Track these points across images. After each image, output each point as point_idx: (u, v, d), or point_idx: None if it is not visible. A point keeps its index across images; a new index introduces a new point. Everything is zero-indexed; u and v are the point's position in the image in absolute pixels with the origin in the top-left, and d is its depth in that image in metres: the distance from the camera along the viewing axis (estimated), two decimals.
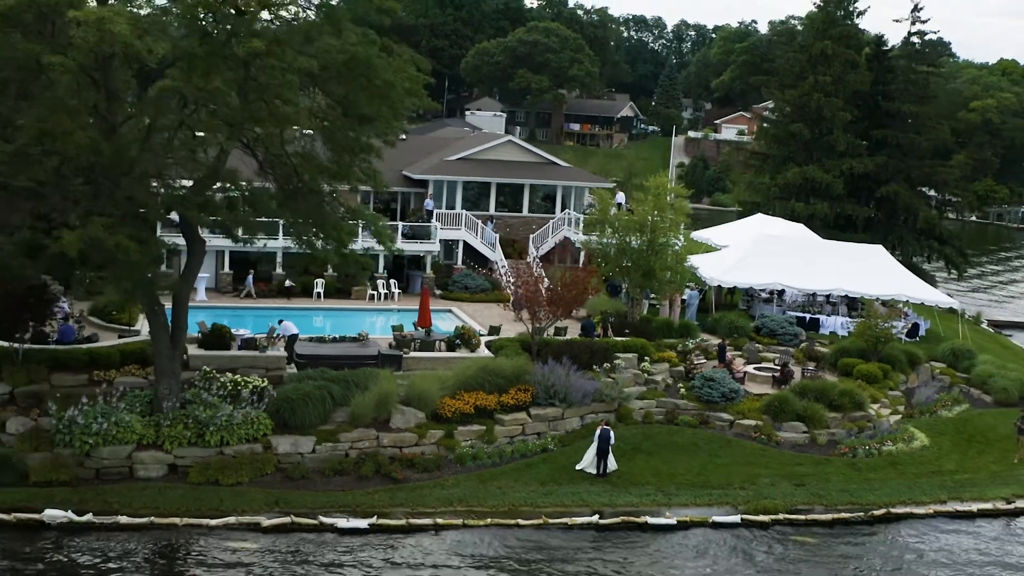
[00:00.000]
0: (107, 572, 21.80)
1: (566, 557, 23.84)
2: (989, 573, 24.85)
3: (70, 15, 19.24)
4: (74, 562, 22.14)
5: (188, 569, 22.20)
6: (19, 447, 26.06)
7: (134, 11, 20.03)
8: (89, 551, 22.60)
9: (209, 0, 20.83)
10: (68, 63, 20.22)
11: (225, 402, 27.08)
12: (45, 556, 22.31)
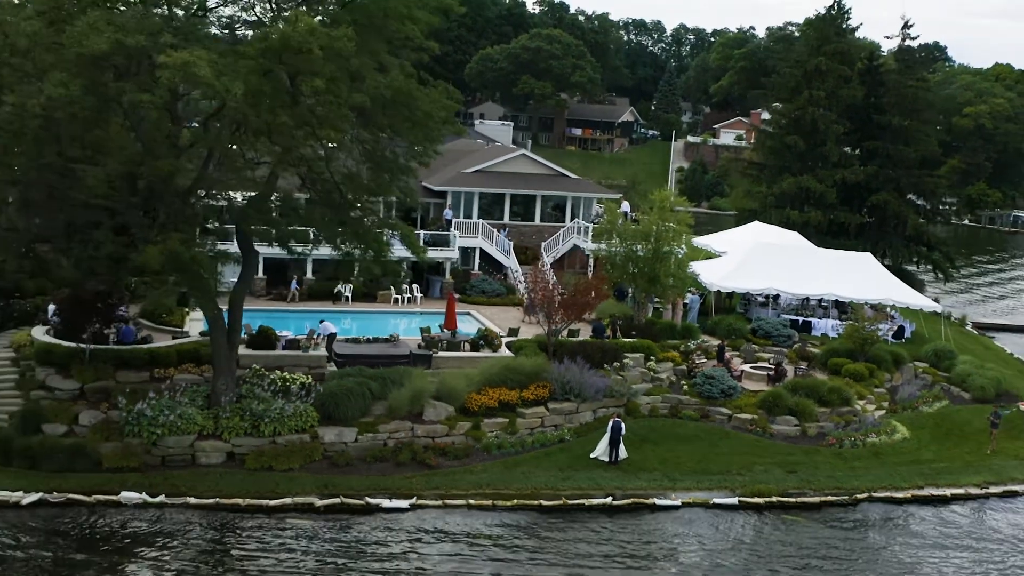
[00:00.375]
0: (185, 545, 24.93)
1: (585, 537, 26.97)
2: (962, 544, 28.04)
3: (160, 59, 22.38)
4: (157, 535, 25.27)
5: (256, 542, 25.30)
6: (91, 437, 29.19)
7: (212, 54, 23.06)
8: (168, 527, 25.73)
9: (274, 45, 23.97)
10: (156, 100, 23.38)
11: (276, 397, 30.25)
12: (128, 532, 25.42)
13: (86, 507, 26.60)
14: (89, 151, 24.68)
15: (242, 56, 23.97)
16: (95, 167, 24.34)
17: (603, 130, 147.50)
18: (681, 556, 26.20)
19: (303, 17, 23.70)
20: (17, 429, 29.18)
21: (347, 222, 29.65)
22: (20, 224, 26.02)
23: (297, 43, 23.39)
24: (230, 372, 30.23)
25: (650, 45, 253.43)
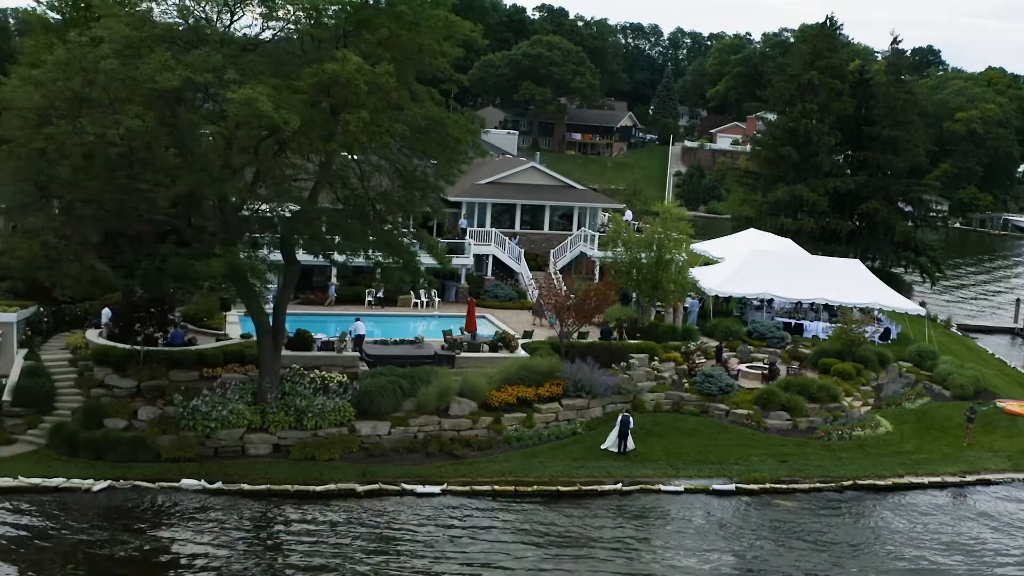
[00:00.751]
0: (241, 526, 28.04)
1: (594, 514, 30.13)
2: (938, 526, 31.23)
3: (228, 96, 25.48)
4: (216, 518, 28.36)
5: (305, 523, 28.41)
6: (150, 431, 32.29)
7: (269, 89, 26.13)
8: (225, 511, 28.84)
9: (324, 80, 27.07)
10: (222, 130, 26.49)
11: (316, 394, 33.37)
12: (190, 514, 28.52)
13: (150, 493, 29.71)
14: (159, 174, 27.77)
15: (295, 91, 27.08)
16: (164, 188, 27.45)
17: (602, 135, 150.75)
18: (682, 534, 29.36)
19: (350, 56, 26.83)
20: (81, 424, 32.27)
21: (379, 234, 32.79)
22: (92, 239, 29.06)
23: (346, 79, 26.52)
24: (275, 371, 33.35)
25: (647, 48, 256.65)
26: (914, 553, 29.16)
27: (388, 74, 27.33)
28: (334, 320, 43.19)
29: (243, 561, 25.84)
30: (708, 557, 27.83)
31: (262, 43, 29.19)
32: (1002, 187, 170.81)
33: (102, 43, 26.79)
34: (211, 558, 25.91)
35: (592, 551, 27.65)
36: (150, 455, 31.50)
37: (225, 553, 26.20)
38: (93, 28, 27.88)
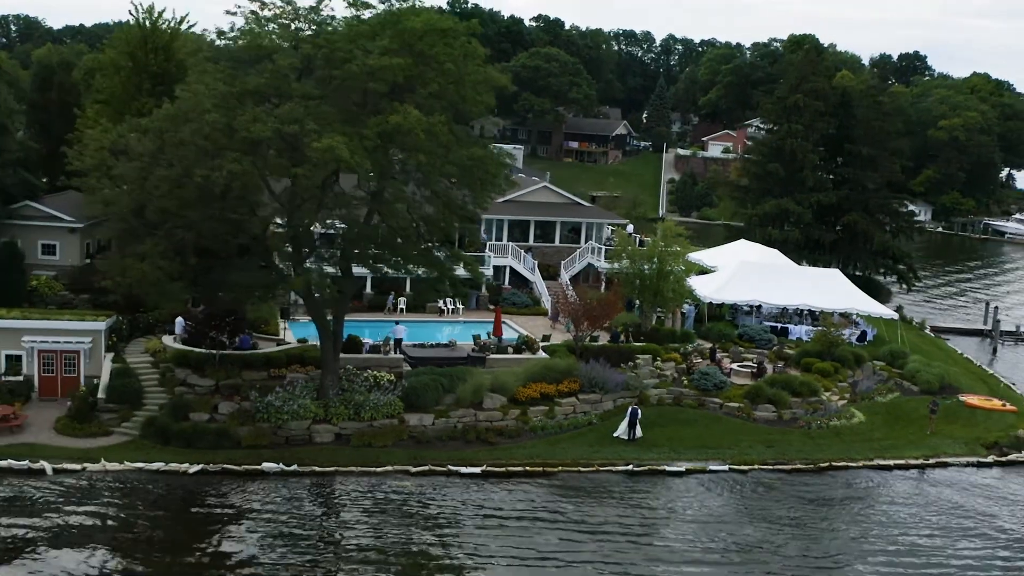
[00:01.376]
0: (320, 500, 33.85)
1: (609, 491, 36.03)
2: (900, 500, 37.23)
3: (314, 145, 31.27)
4: (298, 495, 34.15)
5: (370, 497, 34.21)
6: (230, 423, 38.04)
7: (344, 138, 31.85)
8: (302, 489, 34.63)
9: (389, 130, 32.87)
10: (307, 173, 32.34)
11: (370, 391, 39.16)
12: (274, 492, 34.29)
13: (237, 475, 35.46)
14: (248, 205, 33.56)
15: (364, 138, 32.90)
16: (255, 217, 33.24)
17: (598, 143, 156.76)
18: (682, 505, 35.29)
19: (411, 110, 32.67)
20: (170, 417, 37.98)
21: (423, 252, 38.64)
22: (190, 260, 34.80)
23: (407, 129, 32.34)
24: (334, 371, 39.14)
25: (640, 54, 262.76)
26: (876, 511, 35.19)
27: (441, 123, 33.19)
28: (368, 326, 48.85)
29: (348, 528, 31.66)
30: (705, 524, 33.79)
31: (330, 95, 34.87)
32: (985, 192, 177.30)
33: (203, 97, 32.55)
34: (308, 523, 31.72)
35: (603, 518, 33.59)
36: (231, 443, 37.22)
37: (320, 519, 32.03)
38: (192, 84, 33.65)
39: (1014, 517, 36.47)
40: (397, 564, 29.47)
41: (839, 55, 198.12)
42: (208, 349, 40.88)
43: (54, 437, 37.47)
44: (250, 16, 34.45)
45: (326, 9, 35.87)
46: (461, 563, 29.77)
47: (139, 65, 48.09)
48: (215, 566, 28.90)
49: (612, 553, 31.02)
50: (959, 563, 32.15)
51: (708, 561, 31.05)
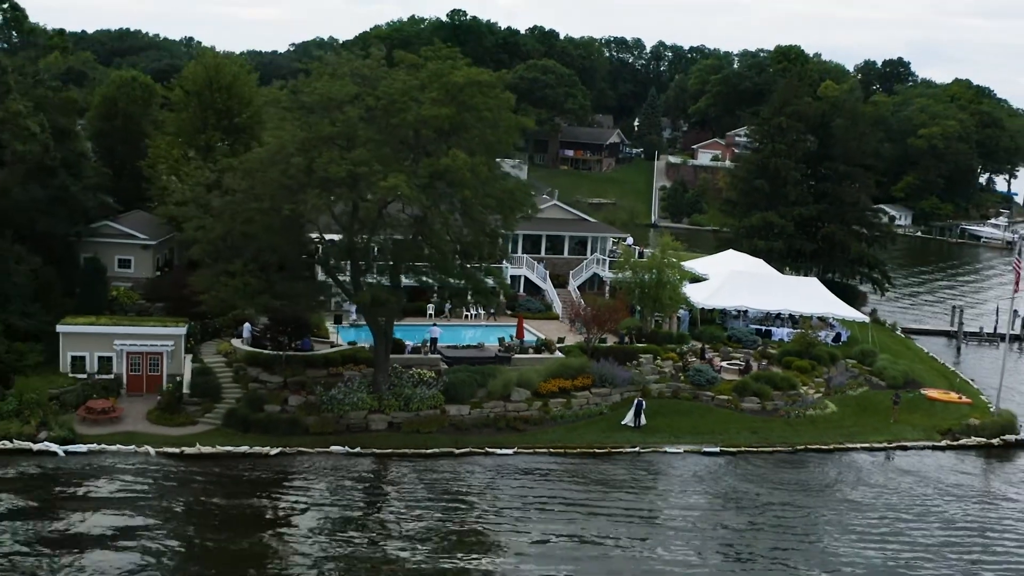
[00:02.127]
0: (382, 477, 41.14)
1: (618, 467, 43.44)
2: (864, 477, 44.76)
3: (381, 184, 38.51)
4: (363, 473, 41.43)
5: (421, 473, 41.50)
6: (299, 413, 45.25)
7: (404, 175, 39.04)
8: (368, 468, 41.93)
9: (440, 170, 40.15)
10: (373, 203, 39.60)
11: (416, 386, 46.44)
12: (343, 470, 41.57)
13: (308, 456, 42.69)
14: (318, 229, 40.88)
15: (419, 176, 40.20)
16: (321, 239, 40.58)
17: (593, 151, 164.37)
18: (680, 477, 42.74)
19: (459, 154, 39.96)
20: (248, 408, 45.15)
21: (459, 266, 45.99)
22: (272, 276, 42.00)
23: (455, 169, 39.65)
24: (386, 369, 46.42)
25: (631, 60, 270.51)
26: (841, 485, 42.78)
27: (482, 163, 40.54)
28: (399, 330, 55.85)
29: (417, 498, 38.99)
30: (697, 490, 41.27)
31: (388, 139, 42.08)
32: (963, 196, 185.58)
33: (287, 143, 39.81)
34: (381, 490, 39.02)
35: (614, 485, 41.02)
36: (301, 430, 44.45)
37: (387, 489, 39.34)
38: (275, 131, 40.87)
39: (950, 485, 44.12)
40: (454, 522, 36.81)
41: (824, 64, 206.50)
42: (274, 350, 48.12)
43: (149, 426, 44.62)
44: (324, 73, 41.73)
45: (383, 65, 43.19)
46: (498, 518, 37.12)
47: (204, 102, 55.20)
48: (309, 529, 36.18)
49: (625, 504, 38.48)
50: (908, 516, 39.67)
51: (700, 506, 38.53)
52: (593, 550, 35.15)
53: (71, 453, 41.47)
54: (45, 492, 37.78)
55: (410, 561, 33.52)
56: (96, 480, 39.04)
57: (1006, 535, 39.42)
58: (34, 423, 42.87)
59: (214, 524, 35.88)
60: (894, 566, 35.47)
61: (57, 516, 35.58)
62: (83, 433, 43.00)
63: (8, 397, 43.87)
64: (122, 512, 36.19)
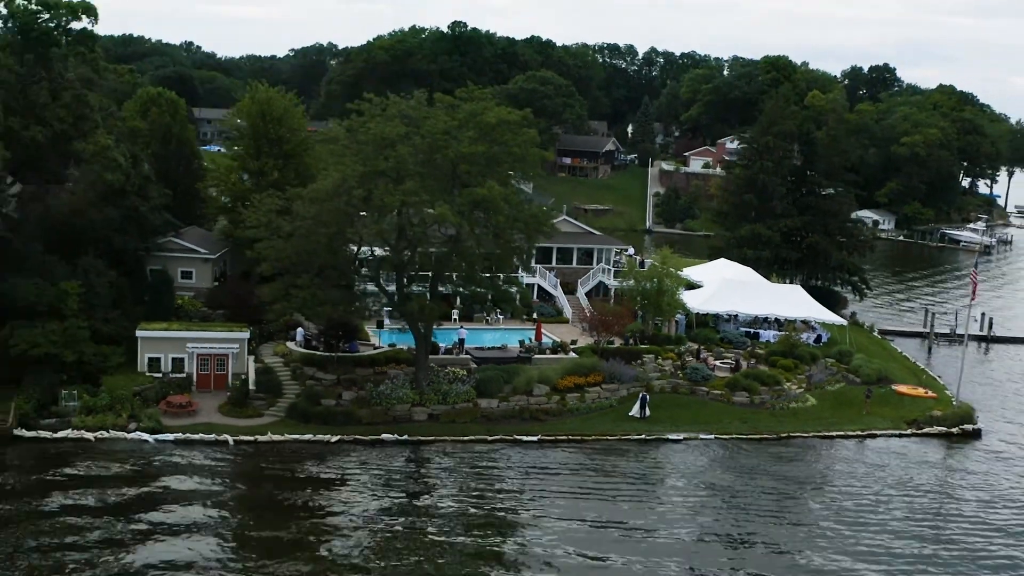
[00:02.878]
0: (428, 460, 48.70)
1: (629, 453, 51.10)
2: (840, 459, 52.55)
3: (431, 213, 46.01)
4: (412, 456, 48.98)
5: (458, 457, 49.05)
6: (352, 406, 52.74)
7: (448, 206, 46.51)
8: (409, 453, 49.48)
9: (478, 198, 47.70)
10: (419, 227, 47.18)
11: (456, 383, 53.97)
12: (392, 455, 49.11)
13: (363, 443, 50.19)
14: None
15: (460, 204, 47.75)
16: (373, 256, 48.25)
17: (589, 159, 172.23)
18: (682, 460, 50.42)
19: (494, 185, 47.51)
20: (307, 402, 52.60)
21: (487, 278, 53.60)
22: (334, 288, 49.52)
23: (491, 199, 47.20)
24: (425, 368, 53.95)
25: (624, 66, 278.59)
26: (818, 463, 50.58)
27: (513, 192, 48.12)
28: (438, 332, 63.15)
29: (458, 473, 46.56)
30: (697, 471, 49.01)
31: (432, 171, 49.62)
32: (945, 201, 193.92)
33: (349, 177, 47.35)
34: (430, 468, 46.60)
35: (621, 463, 48.73)
36: (355, 421, 51.93)
37: (426, 470, 46.94)
38: (336, 166, 48.40)
39: (912, 467, 51.97)
40: (488, 498, 44.36)
41: (811, 73, 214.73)
42: (326, 352, 55.62)
43: (221, 418, 52.03)
44: (375, 115, 49.27)
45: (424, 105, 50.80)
46: (530, 495, 44.69)
47: (258, 132, 62.55)
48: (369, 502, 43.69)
49: (633, 479, 46.18)
50: (871, 490, 47.40)
51: (695, 475, 46.25)
52: (608, 511, 42.75)
53: (160, 441, 48.92)
54: (142, 470, 45.18)
55: (448, 534, 41.07)
56: (183, 463, 46.47)
57: (959, 500, 47.29)
58: (125, 416, 50.28)
59: (280, 499, 43.32)
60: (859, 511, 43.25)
61: (155, 487, 43.03)
62: (167, 424, 50.42)
63: (101, 394, 51.25)
64: (207, 487, 43.69)
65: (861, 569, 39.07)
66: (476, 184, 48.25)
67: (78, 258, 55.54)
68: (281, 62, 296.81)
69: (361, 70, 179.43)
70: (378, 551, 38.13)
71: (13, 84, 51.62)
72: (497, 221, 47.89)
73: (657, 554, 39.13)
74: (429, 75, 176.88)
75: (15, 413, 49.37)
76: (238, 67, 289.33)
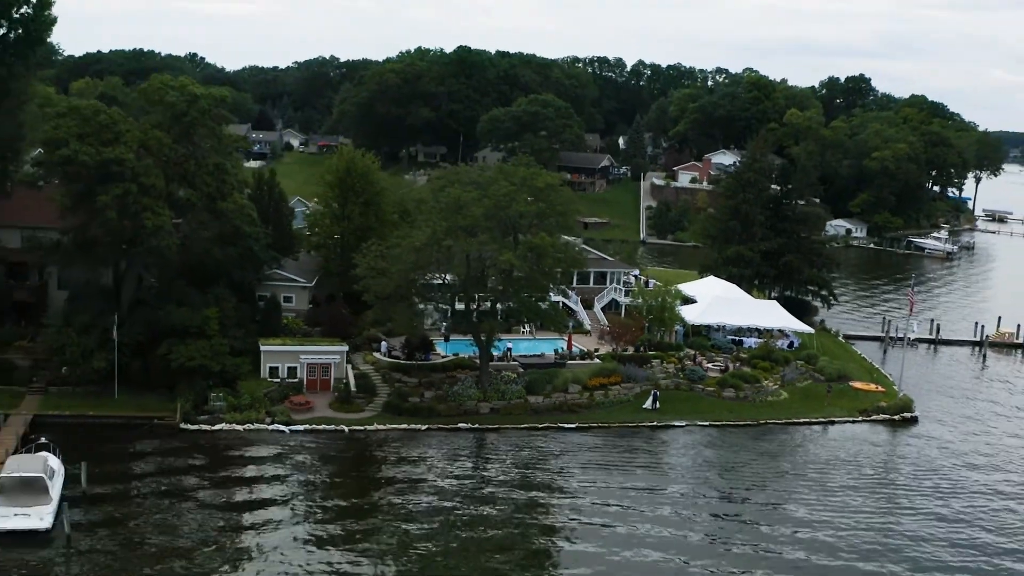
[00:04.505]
0: (487, 442, 65.69)
1: (643, 436, 68.33)
2: (808, 442, 69.92)
3: (499, 258, 62.81)
4: (480, 441, 65.96)
5: (515, 439, 66.03)
6: (433, 403, 69.54)
7: (513, 253, 63.26)
8: (484, 447, 66.47)
9: (533, 245, 64.54)
10: (490, 268, 64.11)
11: (510, 384, 70.92)
12: (467, 439, 66.10)
13: (444, 430, 67.06)
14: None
15: (520, 250, 64.66)
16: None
17: (587, 174, 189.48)
18: (684, 441, 67.69)
19: (544, 236, 64.38)
20: (398, 400, 69.39)
21: (533, 300, 70.65)
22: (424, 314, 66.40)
23: (542, 247, 64.12)
24: (487, 372, 70.88)
25: (614, 77, 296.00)
26: (788, 442, 67.97)
27: (558, 240, 65.08)
28: None
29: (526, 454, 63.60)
30: (696, 449, 66.34)
31: (498, 225, 66.49)
32: (914, 210, 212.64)
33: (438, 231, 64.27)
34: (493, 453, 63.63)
35: (640, 444, 65.97)
36: (436, 415, 68.72)
37: (491, 451, 63.97)
38: (426, 222, 65.31)
39: (861, 446, 69.39)
40: (537, 468, 61.35)
41: (790, 90, 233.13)
42: (407, 360, 72.45)
43: (332, 413, 68.66)
44: (455, 181, 66.19)
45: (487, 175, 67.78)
46: (572, 467, 61.66)
47: (345, 185, 79.20)
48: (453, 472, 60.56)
49: (647, 455, 63.33)
50: (830, 463, 64.64)
51: (694, 450, 63.40)
52: (628, 476, 59.78)
53: (293, 431, 65.53)
54: (285, 451, 61.80)
55: (507, 492, 57.99)
56: (313, 446, 63.19)
57: (900, 467, 64.65)
58: (262, 412, 66.82)
59: (386, 469, 60.08)
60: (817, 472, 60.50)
61: (297, 460, 59.76)
62: (294, 418, 67.02)
63: (243, 395, 67.79)
64: (335, 462, 60.57)
65: (821, 511, 56.25)
66: (530, 234, 65.25)
67: (210, 289, 71.99)
68: (284, 74, 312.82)
69: (374, 92, 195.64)
70: (453, 501, 54.92)
71: (172, 158, 67.68)
72: (546, 263, 64.84)
73: (665, 505, 56.20)
74: (437, 97, 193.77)
75: (180, 411, 65.82)
76: (243, 79, 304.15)
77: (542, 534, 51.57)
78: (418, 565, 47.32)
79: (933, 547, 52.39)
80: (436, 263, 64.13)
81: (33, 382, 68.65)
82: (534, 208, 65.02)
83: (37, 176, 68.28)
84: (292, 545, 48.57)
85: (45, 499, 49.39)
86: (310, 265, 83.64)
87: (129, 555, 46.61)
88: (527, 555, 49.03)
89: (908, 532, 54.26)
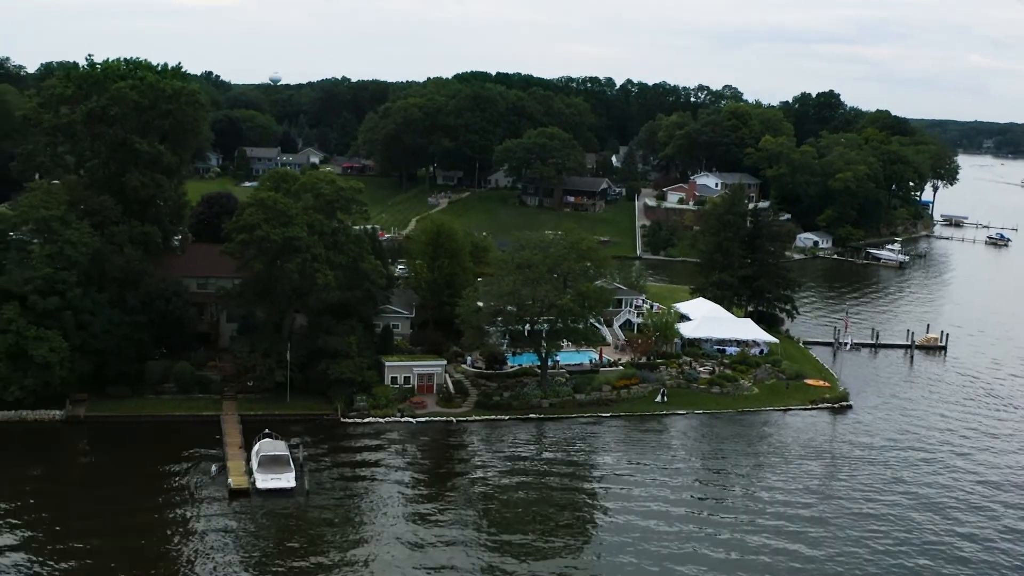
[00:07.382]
0: (547, 430, 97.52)
1: (657, 420, 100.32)
2: (771, 426, 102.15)
3: (559, 302, 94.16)
4: (548, 429, 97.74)
5: (565, 426, 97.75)
6: (510, 401, 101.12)
7: (571, 297, 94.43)
8: (547, 430, 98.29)
9: (581, 291, 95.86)
10: (552, 308, 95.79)
11: (562, 386, 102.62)
12: (540, 427, 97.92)
13: (520, 420, 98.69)
14: None
15: (573, 295, 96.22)
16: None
17: (588, 197, 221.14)
18: (685, 425, 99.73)
19: (589, 284, 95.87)
20: (485, 399, 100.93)
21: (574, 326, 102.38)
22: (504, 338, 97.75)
23: (589, 293, 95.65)
24: (547, 377, 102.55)
25: (605, 94, 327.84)
26: (756, 426, 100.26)
27: (598, 287, 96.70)
28: (532, 355, 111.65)
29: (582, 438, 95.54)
30: (696, 431, 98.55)
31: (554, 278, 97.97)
32: (874, 221, 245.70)
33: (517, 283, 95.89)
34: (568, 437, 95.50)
35: (655, 426, 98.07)
36: (512, 409, 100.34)
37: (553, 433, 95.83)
38: (503, 276, 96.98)
39: (809, 427, 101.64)
40: (582, 447, 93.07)
41: (765, 111, 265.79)
42: (488, 369, 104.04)
43: (440, 409, 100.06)
44: (525, 247, 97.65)
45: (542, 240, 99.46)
46: (610, 443, 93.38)
47: (436, 244, 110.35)
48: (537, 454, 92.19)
49: (660, 430, 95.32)
50: (788, 439, 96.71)
51: (693, 432, 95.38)
52: (645, 449, 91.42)
53: (418, 422, 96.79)
54: (414, 435, 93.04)
55: (562, 458, 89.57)
56: (431, 430, 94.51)
57: (838, 444, 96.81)
58: (394, 409, 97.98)
59: (479, 444, 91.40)
60: (777, 449, 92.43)
61: (423, 440, 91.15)
62: (416, 413, 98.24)
63: (380, 398, 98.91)
64: (447, 440, 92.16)
65: (783, 473, 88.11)
66: (578, 282, 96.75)
67: (343, 321, 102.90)
68: (301, 94, 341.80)
69: (400, 124, 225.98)
70: (526, 464, 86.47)
71: (327, 233, 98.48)
72: (591, 303, 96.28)
73: (670, 472, 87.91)
74: (456, 129, 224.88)
75: (341, 410, 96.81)
76: (259, 99, 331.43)
77: (592, 484, 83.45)
78: (514, 507, 79.29)
79: (861, 494, 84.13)
80: (515, 304, 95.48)
81: (225, 392, 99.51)
82: (579, 266, 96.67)
83: (235, 250, 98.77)
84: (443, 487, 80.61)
85: (289, 468, 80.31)
86: (405, 299, 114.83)
87: (349, 504, 77.64)
88: (578, 507, 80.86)
89: (841, 488, 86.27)
